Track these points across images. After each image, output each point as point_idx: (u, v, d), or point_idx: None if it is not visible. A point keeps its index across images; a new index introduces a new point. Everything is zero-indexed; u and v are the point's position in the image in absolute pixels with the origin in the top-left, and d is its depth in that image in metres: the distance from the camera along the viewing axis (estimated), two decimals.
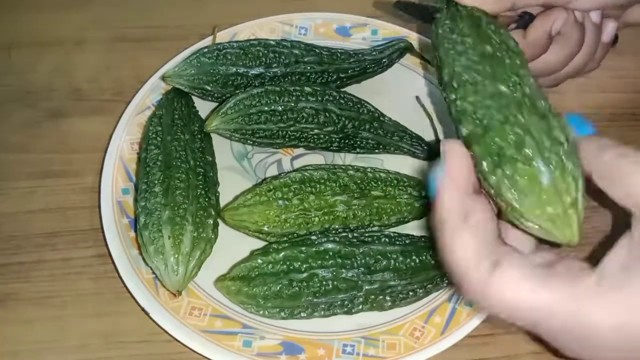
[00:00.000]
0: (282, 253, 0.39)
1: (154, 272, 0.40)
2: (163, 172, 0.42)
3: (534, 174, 0.27)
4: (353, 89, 0.51)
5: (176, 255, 0.39)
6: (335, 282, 0.38)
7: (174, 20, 0.60)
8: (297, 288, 0.38)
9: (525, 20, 0.42)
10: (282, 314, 0.39)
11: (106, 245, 0.42)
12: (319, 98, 0.46)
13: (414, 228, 0.44)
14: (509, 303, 0.26)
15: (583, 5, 0.41)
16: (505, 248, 0.28)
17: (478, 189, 0.30)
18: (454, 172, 0.29)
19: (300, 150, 0.49)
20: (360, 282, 0.38)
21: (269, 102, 0.45)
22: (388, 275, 0.39)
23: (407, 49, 0.53)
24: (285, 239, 0.41)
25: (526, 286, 0.26)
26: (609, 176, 0.27)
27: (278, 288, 0.38)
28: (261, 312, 0.39)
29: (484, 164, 0.28)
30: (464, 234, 0.28)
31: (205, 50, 0.48)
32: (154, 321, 0.39)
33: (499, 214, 0.30)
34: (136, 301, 0.40)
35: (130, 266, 0.41)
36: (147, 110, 0.49)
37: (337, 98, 0.46)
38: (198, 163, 0.44)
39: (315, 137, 0.46)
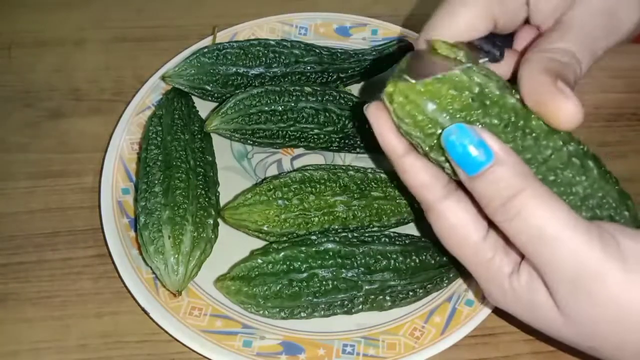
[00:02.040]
0: (282, 253, 0.39)
1: (154, 272, 0.40)
2: (163, 172, 0.42)
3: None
4: (353, 89, 0.51)
5: (176, 255, 0.39)
6: (335, 282, 0.38)
7: (174, 20, 0.60)
8: (297, 288, 0.38)
9: (494, 55, 0.35)
10: (282, 313, 0.39)
11: (106, 245, 0.42)
12: (319, 98, 0.46)
13: (414, 228, 0.44)
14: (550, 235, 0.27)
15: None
16: None
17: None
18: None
19: (300, 150, 0.49)
20: (360, 282, 0.38)
21: (269, 102, 0.45)
22: (388, 275, 0.39)
23: (407, 49, 0.53)
24: (284, 238, 0.41)
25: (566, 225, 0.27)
26: None
27: (278, 288, 0.38)
28: (261, 312, 0.39)
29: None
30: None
31: (205, 50, 0.48)
32: (154, 321, 0.39)
33: None
34: (136, 301, 0.40)
35: (130, 266, 0.41)
36: (147, 110, 0.49)
37: (337, 98, 0.46)
38: (198, 163, 0.44)
39: (315, 137, 0.46)
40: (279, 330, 0.40)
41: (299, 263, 0.38)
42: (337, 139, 0.47)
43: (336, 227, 0.41)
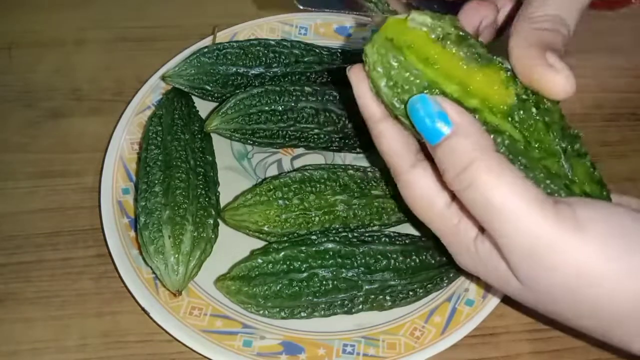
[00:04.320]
0: (282, 253, 0.39)
1: (154, 272, 0.40)
2: (163, 172, 0.42)
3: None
4: None
5: (176, 255, 0.39)
6: (335, 282, 0.38)
7: (174, 20, 0.60)
8: (297, 288, 0.38)
9: None
10: (282, 313, 0.39)
11: (106, 245, 0.42)
12: (319, 98, 0.46)
13: (413, 228, 0.44)
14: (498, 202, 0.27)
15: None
16: None
17: None
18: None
19: (300, 150, 0.49)
20: (360, 281, 0.38)
21: (269, 102, 0.45)
22: (388, 275, 0.39)
23: None
24: (285, 238, 0.41)
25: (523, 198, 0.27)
26: None
27: (278, 288, 0.38)
28: (261, 312, 0.39)
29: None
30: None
31: (205, 50, 0.48)
32: (154, 321, 0.39)
33: None
34: (136, 301, 0.40)
35: (130, 266, 0.41)
36: (147, 110, 0.49)
37: (337, 98, 0.46)
38: (198, 163, 0.44)
39: (315, 137, 0.46)
40: (279, 330, 0.40)
41: (299, 263, 0.38)
42: (337, 139, 0.47)
43: (337, 226, 0.41)
